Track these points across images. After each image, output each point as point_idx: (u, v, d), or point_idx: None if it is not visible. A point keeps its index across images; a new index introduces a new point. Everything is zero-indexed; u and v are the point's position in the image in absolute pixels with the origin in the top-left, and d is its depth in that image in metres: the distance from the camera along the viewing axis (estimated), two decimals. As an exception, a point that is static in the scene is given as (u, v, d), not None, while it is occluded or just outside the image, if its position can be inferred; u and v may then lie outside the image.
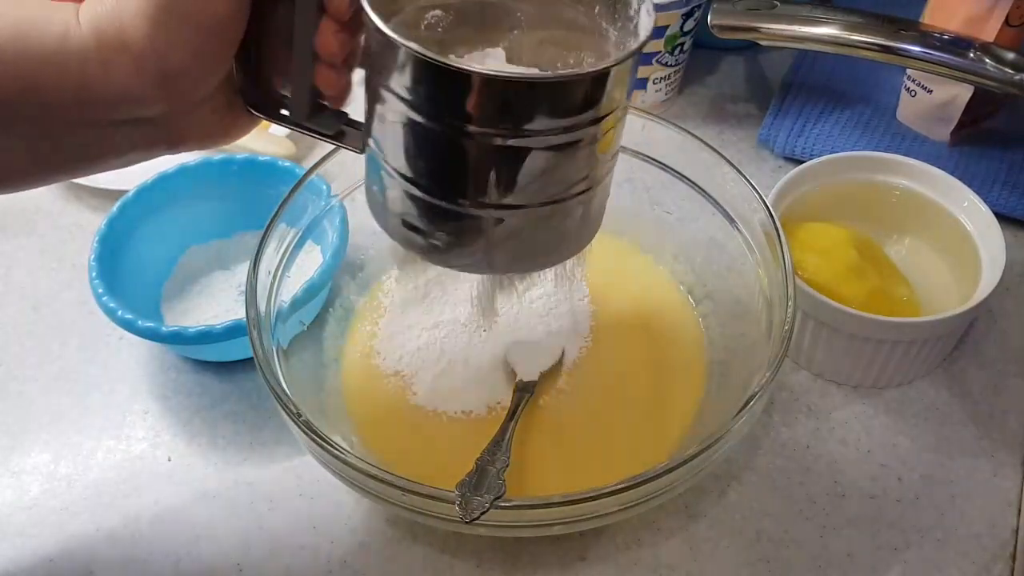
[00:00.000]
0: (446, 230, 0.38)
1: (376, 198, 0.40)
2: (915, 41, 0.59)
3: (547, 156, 0.35)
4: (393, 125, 0.36)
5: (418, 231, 0.38)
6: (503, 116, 0.34)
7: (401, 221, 0.39)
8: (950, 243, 0.57)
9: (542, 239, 0.39)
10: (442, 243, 0.38)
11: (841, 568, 0.48)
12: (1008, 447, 0.52)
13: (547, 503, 0.41)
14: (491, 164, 0.35)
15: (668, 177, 0.55)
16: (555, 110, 0.34)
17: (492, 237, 0.38)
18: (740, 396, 0.44)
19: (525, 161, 0.35)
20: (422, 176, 0.37)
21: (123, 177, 0.67)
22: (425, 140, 0.36)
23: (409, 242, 0.39)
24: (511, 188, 0.36)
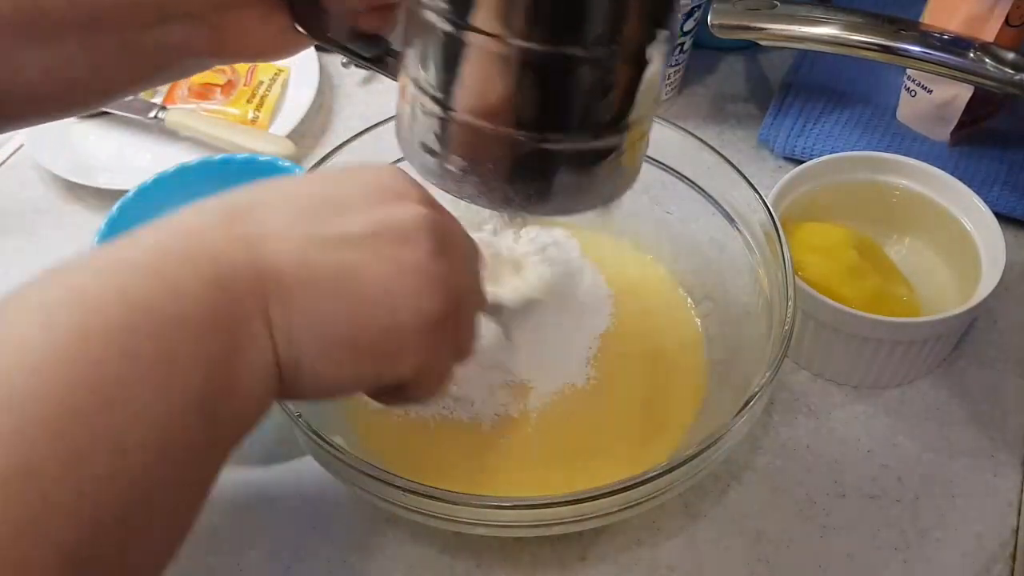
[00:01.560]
0: (460, 152, 0.37)
1: (401, 123, 0.39)
2: (915, 41, 0.58)
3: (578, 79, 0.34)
4: (420, 35, 0.35)
5: (434, 154, 0.37)
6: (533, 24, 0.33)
7: (420, 144, 0.38)
8: (950, 243, 0.57)
9: (565, 179, 0.37)
10: (456, 167, 0.37)
11: (841, 568, 0.48)
12: (1008, 447, 0.52)
13: (547, 503, 0.41)
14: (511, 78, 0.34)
15: (668, 177, 0.55)
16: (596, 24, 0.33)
17: (508, 165, 0.37)
18: (740, 396, 0.44)
19: (550, 81, 0.34)
20: (439, 88, 0.36)
21: (123, 177, 0.67)
22: (446, 49, 0.35)
23: (425, 168, 0.38)
24: (531, 109, 0.35)
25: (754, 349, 0.48)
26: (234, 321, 0.30)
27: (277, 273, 0.31)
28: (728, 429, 0.42)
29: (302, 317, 0.31)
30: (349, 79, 0.76)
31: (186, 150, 0.71)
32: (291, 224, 0.32)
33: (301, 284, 0.31)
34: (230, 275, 0.30)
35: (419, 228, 0.34)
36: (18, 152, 0.72)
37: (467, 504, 0.41)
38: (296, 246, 0.32)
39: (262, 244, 0.31)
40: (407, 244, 0.33)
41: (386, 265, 0.33)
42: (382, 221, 0.33)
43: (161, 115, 0.71)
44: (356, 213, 0.33)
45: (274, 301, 0.31)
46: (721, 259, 0.54)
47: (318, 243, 0.32)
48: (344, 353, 0.33)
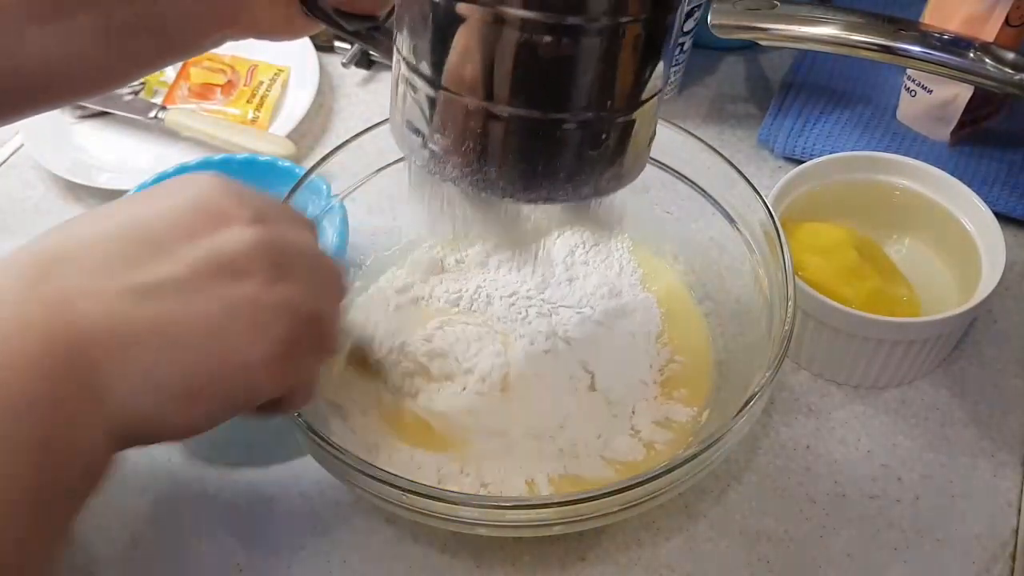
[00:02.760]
0: (442, 130, 0.36)
1: (392, 104, 0.39)
2: (915, 41, 0.58)
3: (567, 54, 0.33)
4: (411, 10, 0.35)
5: (419, 133, 0.37)
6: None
7: (406, 124, 0.37)
8: (950, 243, 0.57)
9: (550, 164, 0.36)
10: (439, 147, 0.36)
11: (841, 568, 0.48)
12: (1008, 447, 0.52)
13: (547, 503, 0.41)
14: (492, 49, 0.33)
15: (668, 177, 0.55)
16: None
17: (491, 144, 0.35)
18: (740, 396, 0.44)
19: (533, 53, 0.33)
20: (424, 60, 0.35)
21: (123, 177, 0.67)
22: (435, 20, 0.34)
23: (410, 148, 0.38)
24: (514, 84, 0.34)
25: (754, 349, 0.48)
26: (58, 400, 0.28)
27: (96, 338, 0.29)
28: (728, 429, 0.42)
29: (132, 376, 0.30)
30: (349, 79, 0.76)
31: (186, 150, 0.71)
32: (103, 276, 0.30)
33: (123, 345, 0.29)
34: (46, 352, 0.28)
35: (249, 256, 0.32)
36: (18, 152, 0.72)
37: (467, 504, 0.41)
38: (110, 303, 0.30)
39: (73, 306, 0.29)
40: (236, 278, 0.31)
41: (214, 306, 0.31)
42: (204, 257, 0.31)
43: (161, 115, 0.71)
44: (173, 251, 0.31)
45: (100, 368, 0.29)
46: (721, 259, 0.54)
47: (135, 295, 0.30)
48: (187, 401, 0.31)
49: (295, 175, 0.56)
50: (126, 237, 0.31)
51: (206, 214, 0.32)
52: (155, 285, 0.30)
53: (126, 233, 0.31)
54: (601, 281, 0.56)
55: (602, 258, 0.58)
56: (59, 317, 0.29)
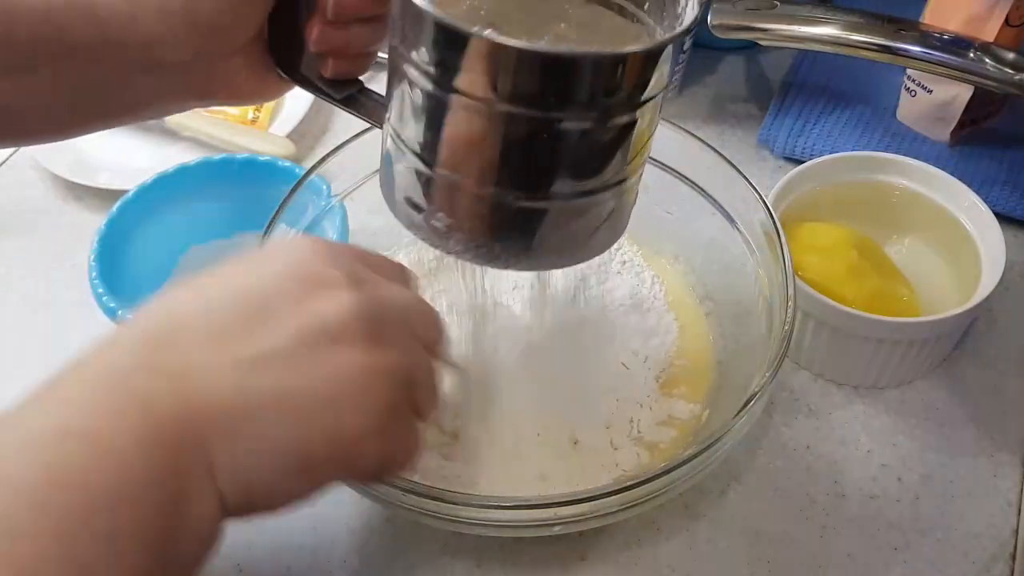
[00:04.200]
0: (445, 210, 0.37)
1: (385, 175, 0.39)
2: (915, 41, 0.59)
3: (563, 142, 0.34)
4: (405, 93, 0.35)
5: (419, 209, 0.37)
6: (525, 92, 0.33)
7: (405, 199, 0.38)
8: (950, 243, 0.57)
9: (551, 236, 0.37)
10: (442, 224, 0.37)
11: (841, 568, 0.48)
12: (1008, 447, 0.52)
13: (547, 503, 0.41)
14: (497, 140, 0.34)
15: (668, 177, 0.55)
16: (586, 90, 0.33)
17: (494, 223, 0.36)
18: (740, 396, 0.44)
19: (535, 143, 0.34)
20: (424, 146, 0.36)
21: (123, 177, 0.67)
22: (432, 110, 0.35)
23: (411, 223, 0.38)
24: (516, 170, 0.35)
25: (754, 349, 0.48)
26: (174, 476, 0.28)
27: (211, 412, 0.29)
28: (728, 429, 0.42)
29: (246, 450, 0.30)
30: (349, 79, 0.76)
31: (186, 150, 0.71)
32: (215, 349, 0.30)
33: (239, 418, 0.29)
34: (164, 426, 0.28)
35: (349, 322, 0.32)
36: (18, 152, 0.72)
37: (467, 504, 0.41)
38: (226, 377, 0.30)
39: (189, 380, 0.29)
40: (340, 345, 0.31)
41: (323, 375, 0.31)
42: (308, 325, 0.31)
43: (161, 115, 0.71)
44: (280, 320, 0.31)
45: (214, 442, 0.29)
46: (721, 259, 0.54)
47: (247, 367, 0.30)
48: (297, 473, 0.31)
49: (295, 175, 0.56)
50: (232, 308, 0.31)
51: (307, 279, 0.32)
52: (265, 357, 0.30)
53: (232, 304, 0.31)
54: (628, 292, 0.56)
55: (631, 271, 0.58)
56: (177, 393, 0.29)
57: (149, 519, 0.27)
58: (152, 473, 0.27)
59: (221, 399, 0.29)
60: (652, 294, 0.56)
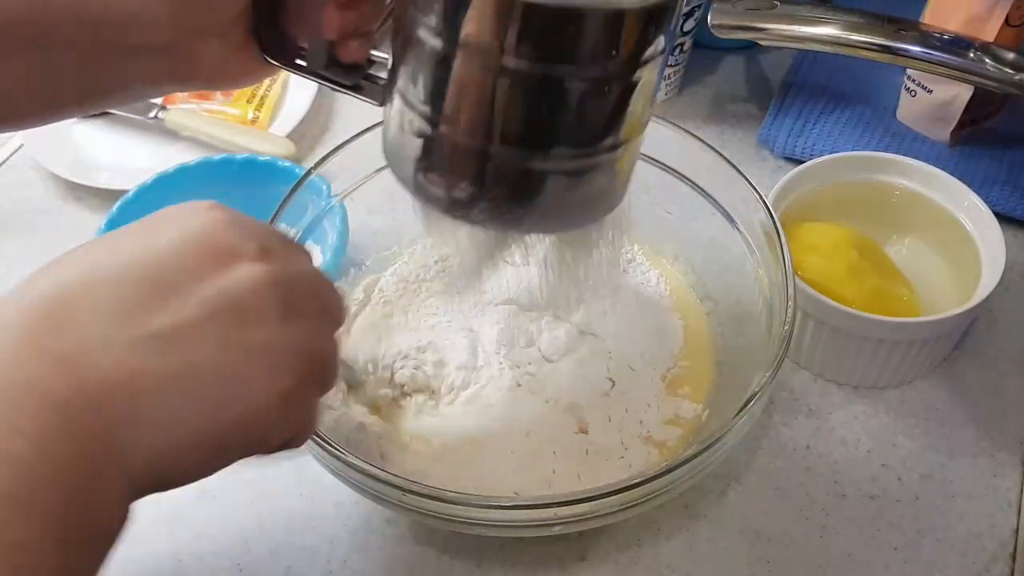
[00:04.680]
0: (469, 179, 0.36)
1: (398, 154, 0.39)
2: (915, 41, 0.58)
3: (582, 97, 0.34)
4: (419, 61, 0.35)
5: (439, 184, 0.37)
6: (537, 46, 0.33)
7: (423, 174, 0.37)
8: (950, 243, 0.57)
9: (570, 195, 0.37)
10: (465, 195, 0.37)
11: (841, 568, 0.48)
12: (1008, 447, 0.52)
13: (547, 503, 0.41)
14: (518, 100, 0.34)
15: (668, 177, 0.55)
16: (596, 45, 0.33)
17: (520, 186, 0.36)
18: (740, 396, 0.44)
19: (556, 100, 0.34)
20: (449, 115, 0.35)
21: (123, 177, 0.67)
22: (448, 72, 0.34)
23: (430, 197, 0.38)
24: (538, 130, 0.35)
25: (754, 349, 0.48)
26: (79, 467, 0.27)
27: (111, 395, 0.28)
28: (728, 429, 0.42)
29: (152, 431, 0.29)
30: (349, 79, 0.76)
31: (186, 150, 0.71)
32: (112, 325, 0.28)
33: (140, 398, 0.28)
34: (62, 417, 0.27)
35: (259, 296, 0.31)
36: (18, 152, 0.72)
37: (467, 504, 0.41)
38: (123, 355, 0.28)
39: (86, 361, 0.28)
40: (248, 320, 0.30)
41: (230, 352, 0.30)
42: (215, 298, 0.30)
43: (161, 115, 0.71)
44: (183, 293, 0.30)
45: (117, 426, 0.28)
46: (721, 259, 0.54)
47: (148, 344, 0.29)
48: (207, 448, 0.31)
49: (295, 175, 0.56)
50: (131, 278, 0.30)
51: (212, 250, 0.31)
52: (168, 333, 0.29)
53: (131, 274, 0.30)
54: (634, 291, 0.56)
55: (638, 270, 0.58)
56: (72, 375, 0.27)
57: (57, 518, 0.26)
58: (56, 471, 0.26)
59: (121, 379, 0.28)
60: (658, 293, 0.56)
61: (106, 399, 0.28)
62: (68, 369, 0.27)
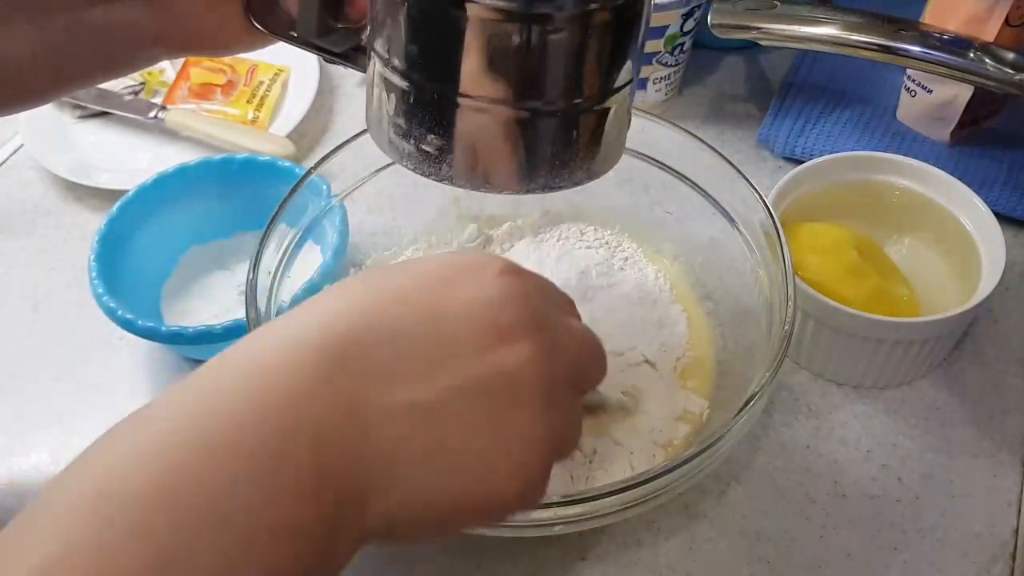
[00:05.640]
0: (437, 131, 0.36)
1: (372, 111, 0.38)
2: (915, 41, 0.58)
3: (552, 44, 0.33)
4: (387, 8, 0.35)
5: (409, 137, 0.37)
6: None
7: (393, 128, 0.37)
8: (950, 243, 0.57)
9: (548, 152, 0.36)
10: (433, 148, 0.36)
11: (841, 568, 0.48)
12: (1008, 447, 0.52)
13: (547, 503, 0.41)
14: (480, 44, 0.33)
15: (668, 177, 0.55)
16: None
17: (487, 140, 0.36)
18: (740, 396, 0.44)
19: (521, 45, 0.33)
20: (414, 63, 0.35)
21: (123, 177, 0.67)
22: (421, 18, 0.34)
23: (401, 153, 0.37)
24: (505, 78, 0.34)
25: (754, 349, 0.48)
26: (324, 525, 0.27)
27: (378, 456, 0.28)
28: (728, 429, 0.42)
29: (400, 500, 0.29)
30: (349, 79, 0.76)
31: (186, 150, 0.71)
32: (394, 385, 0.29)
33: (398, 466, 0.29)
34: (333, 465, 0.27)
35: (528, 382, 0.30)
36: (18, 152, 0.72)
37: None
38: (399, 421, 0.29)
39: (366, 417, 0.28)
40: (512, 407, 0.30)
41: (488, 435, 0.30)
42: (488, 376, 0.30)
43: (161, 115, 0.71)
44: (463, 363, 0.30)
45: (371, 487, 0.28)
46: (721, 259, 0.54)
47: (419, 413, 0.29)
48: (442, 525, 0.31)
49: (295, 175, 0.56)
50: (422, 335, 0.30)
51: (497, 324, 0.31)
52: (437, 405, 0.29)
53: (422, 333, 0.30)
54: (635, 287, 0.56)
55: (635, 267, 0.58)
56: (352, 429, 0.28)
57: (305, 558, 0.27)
58: (306, 518, 0.27)
59: (389, 445, 0.28)
60: (658, 287, 0.56)
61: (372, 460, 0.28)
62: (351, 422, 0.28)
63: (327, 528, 0.28)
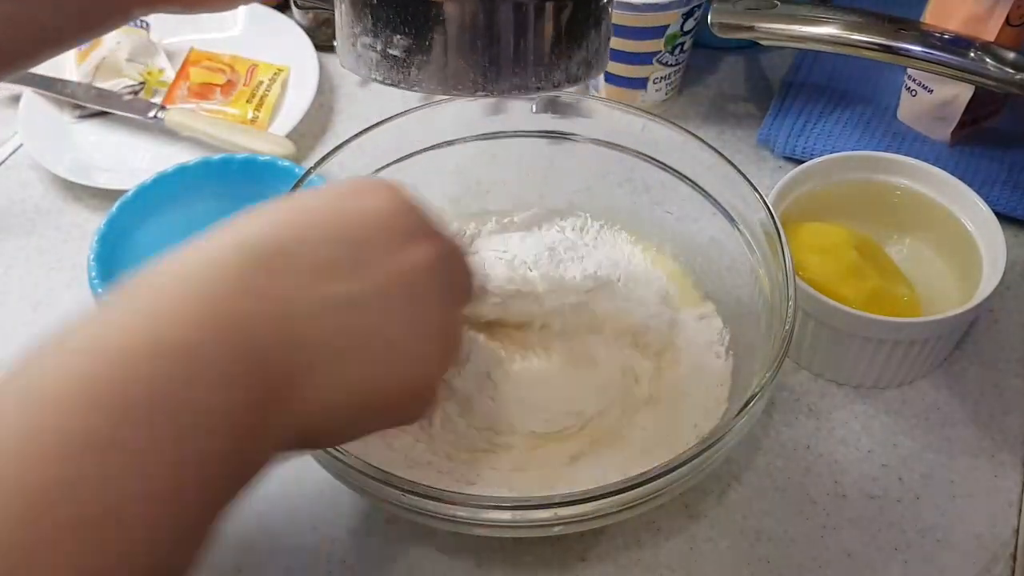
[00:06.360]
0: (402, 29, 0.35)
1: (342, 32, 0.38)
2: (915, 41, 0.58)
3: None
4: None
5: (374, 46, 0.36)
6: None
7: (359, 40, 0.37)
8: (950, 243, 0.57)
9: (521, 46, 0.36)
10: (400, 51, 0.36)
11: (841, 568, 0.48)
12: (1008, 447, 0.52)
13: (547, 503, 0.41)
14: None
15: (668, 177, 0.55)
16: None
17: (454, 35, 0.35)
18: (740, 396, 0.44)
19: None
20: None
21: (123, 177, 0.67)
22: None
23: (369, 64, 0.37)
24: None
25: (754, 349, 0.48)
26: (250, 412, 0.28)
27: (305, 346, 0.30)
28: (728, 429, 0.42)
29: (325, 388, 0.30)
30: (349, 79, 0.76)
31: (186, 150, 0.71)
32: (317, 282, 0.31)
33: (326, 355, 0.30)
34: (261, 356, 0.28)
35: (429, 278, 0.33)
36: (18, 152, 0.72)
37: (467, 504, 0.41)
38: (324, 313, 0.30)
39: (289, 311, 0.30)
40: (416, 300, 0.33)
41: (400, 327, 0.32)
42: (395, 274, 0.32)
43: (161, 115, 0.71)
44: (373, 266, 0.32)
45: (296, 376, 0.30)
46: (721, 259, 0.54)
47: (337, 307, 0.31)
48: (367, 414, 0.33)
49: (295, 175, 0.56)
50: (336, 238, 0.32)
51: (401, 230, 0.33)
52: (357, 298, 0.31)
53: (335, 234, 0.32)
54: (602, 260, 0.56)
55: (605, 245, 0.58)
56: (277, 322, 0.29)
57: (222, 448, 0.28)
58: (231, 404, 0.28)
59: (312, 335, 0.30)
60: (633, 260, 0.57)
61: (293, 349, 0.29)
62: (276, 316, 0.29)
63: (256, 417, 0.28)
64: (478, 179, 0.59)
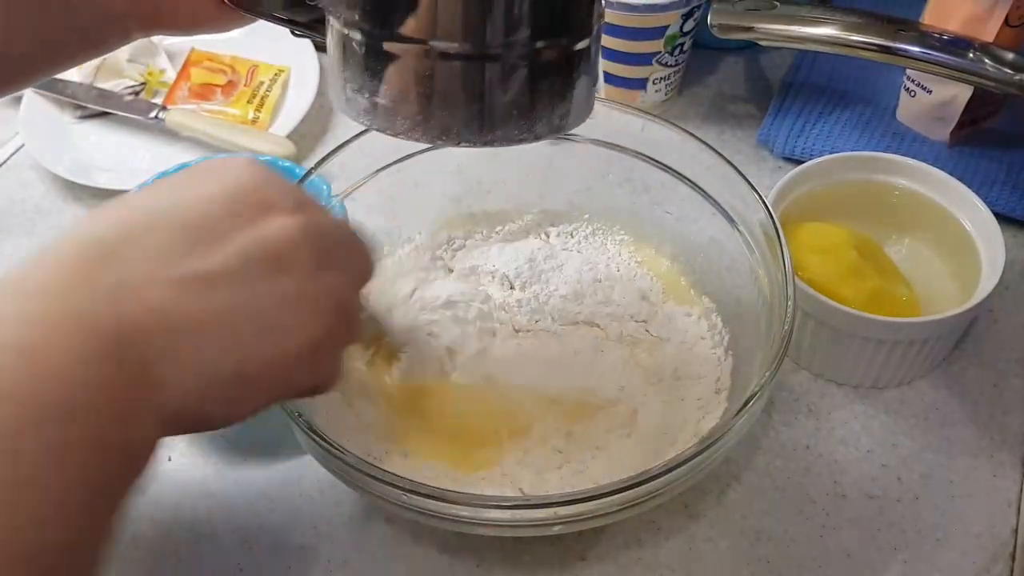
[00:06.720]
0: (389, 81, 0.36)
1: (332, 74, 0.39)
2: (915, 41, 0.59)
3: None
4: None
5: (363, 91, 0.37)
6: None
7: (348, 84, 0.37)
8: (950, 243, 0.57)
9: (504, 101, 0.36)
10: (387, 100, 0.36)
11: (841, 568, 0.48)
12: (1008, 447, 0.52)
13: (547, 503, 0.41)
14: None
15: (668, 177, 0.55)
16: None
17: (440, 87, 0.35)
18: (740, 396, 0.44)
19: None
20: (360, 12, 0.35)
21: (123, 177, 0.67)
22: None
23: (357, 109, 0.38)
24: (450, 23, 0.34)
25: (754, 349, 0.48)
26: (119, 394, 0.28)
27: (150, 329, 0.29)
28: (728, 429, 0.42)
29: (186, 368, 0.30)
30: (349, 79, 0.76)
31: (186, 150, 0.71)
32: (157, 265, 0.30)
33: (179, 336, 0.30)
34: (104, 344, 0.28)
35: (293, 246, 0.32)
36: (18, 152, 0.73)
37: (467, 504, 0.41)
38: (167, 295, 0.30)
39: (131, 298, 0.29)
40: (282, 270, 0.32)
41: (264, 298, 0.32)
42: (251, 247, 0.32)
43: (161, 115, 0.71)
44: (223, 241, 0.31)
45: (153, 360, 0.29)
46: (721, 259, 0.54)
47: (190, 285, 0.30)
48: (238, 392, 0.32)
49: (295, 175, 0.56)
50: (176, 224, 0.31)
51: (251, 201, 0.33)
52: (209, 275, 0.31)
53: (175, 220, 0.31)
54: (584, 263, 0.57)
55: (593, 246, 0.59)
56: (118, 310, 0.29)
57: (87, 436, 0.27)
58: (98, 390, 0.28)
59: (160, 317, 0.30)
60: (619, 262, 0.58)
61: (146, 333, 0.29)
62: (116, 306, 0.29)
63: (120, 404, 0.28)
64: (478, 179, 0.59)
